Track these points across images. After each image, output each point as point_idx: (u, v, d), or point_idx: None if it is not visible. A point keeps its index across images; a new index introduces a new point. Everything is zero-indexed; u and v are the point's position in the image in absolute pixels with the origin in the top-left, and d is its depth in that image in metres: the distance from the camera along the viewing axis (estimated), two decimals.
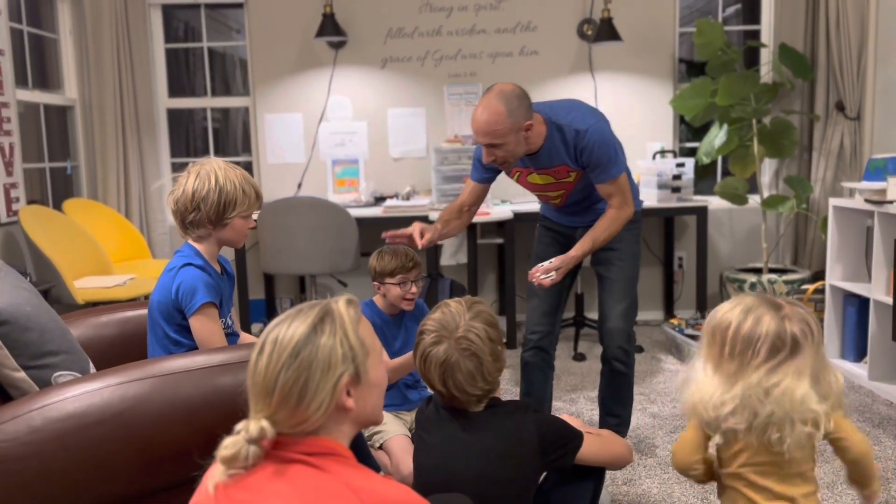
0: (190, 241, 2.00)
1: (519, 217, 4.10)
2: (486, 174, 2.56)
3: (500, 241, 4.27)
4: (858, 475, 1.55)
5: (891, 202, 3.15)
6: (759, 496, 1.50)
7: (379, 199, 4.54)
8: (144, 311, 2.24)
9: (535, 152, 2.41)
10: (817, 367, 1.45)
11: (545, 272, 2.36)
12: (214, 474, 1.09)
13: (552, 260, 2.40)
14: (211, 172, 1.93)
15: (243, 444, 1.06)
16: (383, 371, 1.20)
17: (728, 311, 1.47)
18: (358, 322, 1.15)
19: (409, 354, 2.32)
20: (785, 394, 1.42)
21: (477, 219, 3.86)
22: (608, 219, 2.43)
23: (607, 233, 2.42)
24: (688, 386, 1.51)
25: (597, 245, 2.43)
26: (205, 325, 1.92)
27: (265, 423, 1.07)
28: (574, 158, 2.41)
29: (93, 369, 1.82)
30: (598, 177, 2.41)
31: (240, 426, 1.09)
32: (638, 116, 4.62)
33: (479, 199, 2.63)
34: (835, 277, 3.64)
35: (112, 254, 4.11)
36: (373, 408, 1.18)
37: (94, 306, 2.58)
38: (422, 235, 2.43)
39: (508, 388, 3.51)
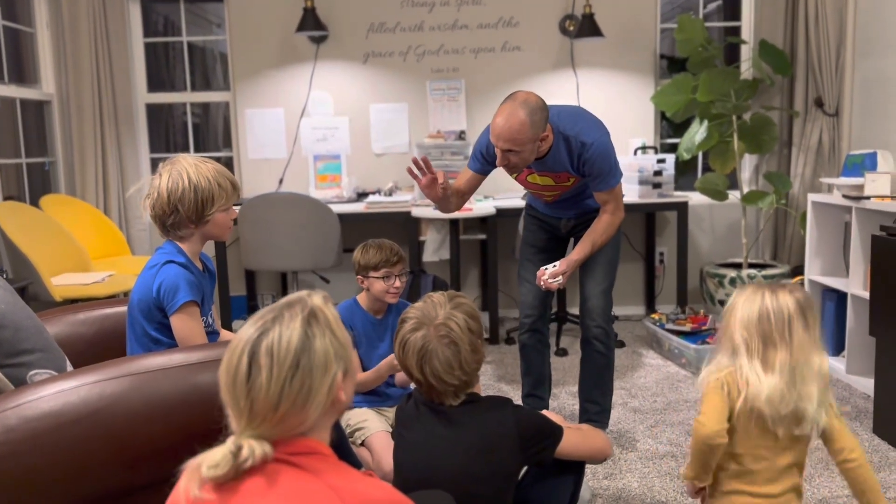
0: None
1: (501, 213, 4.10)
2: (487, 166, 2.65)
3: (482, 237, 4.27)
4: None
5: (868, 198, 3.19)
6: (755, 487, 1.52)
7: (361, 195, 4.52)
8: (123, 309, 2.21)
9: (541, 157, 2.50)
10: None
11: (552, 276, 2.51)
12: (191, 484, 1.06)
13: (556, 264, 2.55)
14: (183, 171, 1.90)
15: (233, 463, 1.04)
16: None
17: (747, 302, 1.49)
18: (337, 318, 1.15)
19: (379, 366, 2.33)
20: (821, 368, 1.47)
21: (459, 214, 3.86)
22: (604, 223, 2.59)
23: (604, 236, 2.59)
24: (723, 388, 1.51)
25: (595, 248, 2.59)
26: (186, 324, 1.90)
27: (268, 448, 1.05)
28: (576, 167, 2.52)
29: (69, 367, 1.80)
30: (598, 186, 2.54)
31: (233, 447, 1.05)
32: (619, 112, 4.64)
33: (473, 188, 2.71)
34: (813, 272, 3.68)
35: (91, 250, 4.07)
36: (351, 395, 1.18)
37: (73, 303, 2.55)
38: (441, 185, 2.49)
39: (491, 384, 3.52)
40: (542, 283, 2.53)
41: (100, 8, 4.37)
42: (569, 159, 2.50)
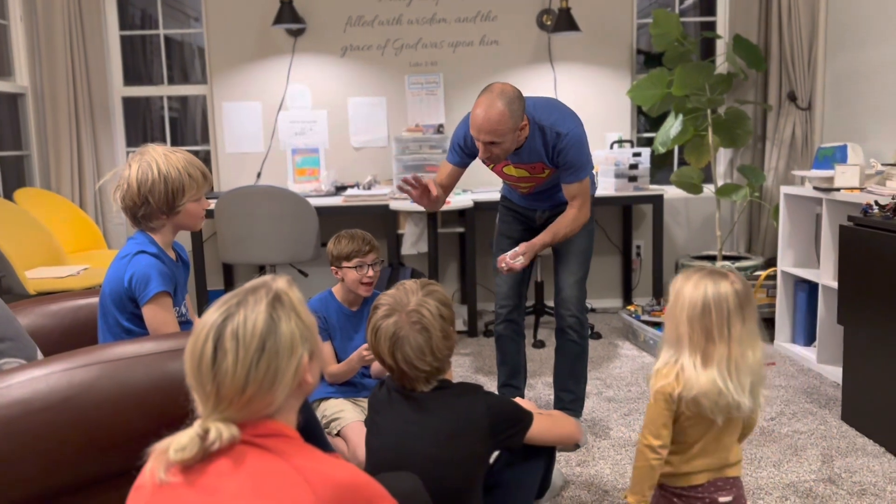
0: None
1: (479, 206, 4.12)
2: (466, 159, 2.67)
3: (461, 230, 4.29)
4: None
5: (838, 189, 3.24)
6: (698, 465, 1.57)
7: (340, 189, 4.52)
8: (96, 300, 2.20)
9: (517, 147, 2.53)
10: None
11: (513, 257, 2.52)
12: (157, 467, 1.07)
13: (517, 248, 2.55)
14: (152, 162, 1.90)
15: (200, 446, 1.05)
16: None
17: (693, 292, 1.53)
18: (302, 300, 1.16)
19: (350, 358, 2.36)
20: (754, 357, 1.52)
21: None
22: (569, 218, 2.60)
23: (567, 230, 2.60)
24: (665, 383, 1.55)
25: (557, 239, 2.60)
26: (158, 314, 1.90)
27: (235, 431, 1.07)
28: (551, 158, 2.55)
29: (40, 357, 1.80)
30: (568, 177, 2.56)
31: (200, 430, 1.06)
32: (596, 107, 4.67)
33: (455, 180, 2.73)
34: (786, 264, 3.73)
35: (66, 244, 4.04)
36: (317, 377, 1.20)
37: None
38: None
39: (469, 376, 3.54)
40: (503, 265, 2.51)
41: (74, 0, 4.32)
42: (544, 150, 2.53)
